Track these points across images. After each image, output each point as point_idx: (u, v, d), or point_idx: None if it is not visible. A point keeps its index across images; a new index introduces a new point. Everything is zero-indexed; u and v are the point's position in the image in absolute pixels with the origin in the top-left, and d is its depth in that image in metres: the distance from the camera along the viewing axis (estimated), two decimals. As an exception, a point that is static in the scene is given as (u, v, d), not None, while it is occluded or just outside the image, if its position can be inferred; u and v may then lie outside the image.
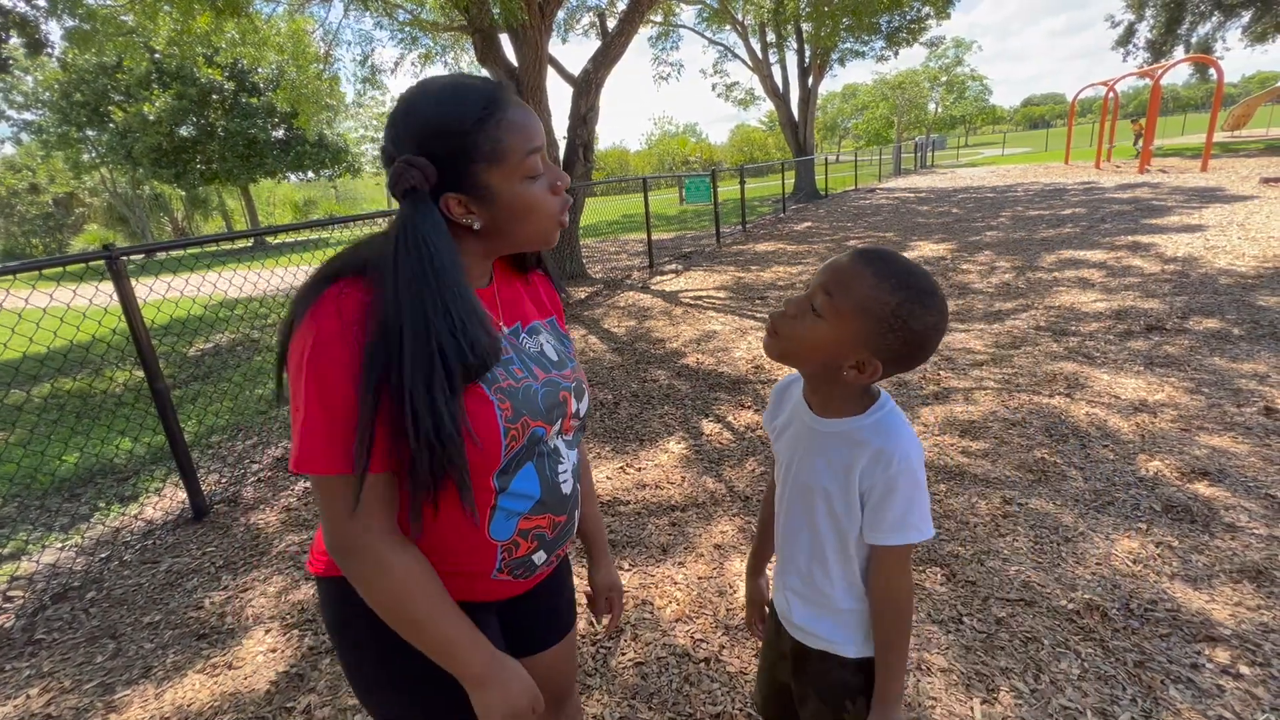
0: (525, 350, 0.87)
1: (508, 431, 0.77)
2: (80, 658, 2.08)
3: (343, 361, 0.68)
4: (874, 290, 0.79)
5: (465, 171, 0.73)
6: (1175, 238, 7.00)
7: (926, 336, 0.80)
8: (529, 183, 0.77)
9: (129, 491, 3.34)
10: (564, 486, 0.88)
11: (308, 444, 0.69)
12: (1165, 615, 1.79)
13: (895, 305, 0.78)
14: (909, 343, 0.80)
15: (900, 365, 0.83)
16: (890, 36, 16.43)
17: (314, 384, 0.68)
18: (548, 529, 0.87)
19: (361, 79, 10.72)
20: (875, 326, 0.79)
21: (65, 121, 22.95)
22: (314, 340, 0.68)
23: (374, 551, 0.72)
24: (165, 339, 6.64)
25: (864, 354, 0.82)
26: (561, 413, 0.87)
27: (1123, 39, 25.76)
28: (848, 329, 0.81)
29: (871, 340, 0.81)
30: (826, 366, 0.85)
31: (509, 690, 0.78)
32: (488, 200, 0.75)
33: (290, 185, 43.65)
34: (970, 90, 51.21)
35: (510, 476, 0.80)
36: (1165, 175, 13.97)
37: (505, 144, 0.74)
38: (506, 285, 0.92)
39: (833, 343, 0.83)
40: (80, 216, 39.98)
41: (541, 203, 0.79)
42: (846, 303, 0.81)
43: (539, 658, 1.04)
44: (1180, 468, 2.53)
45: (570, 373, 0.92)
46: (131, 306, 2.68)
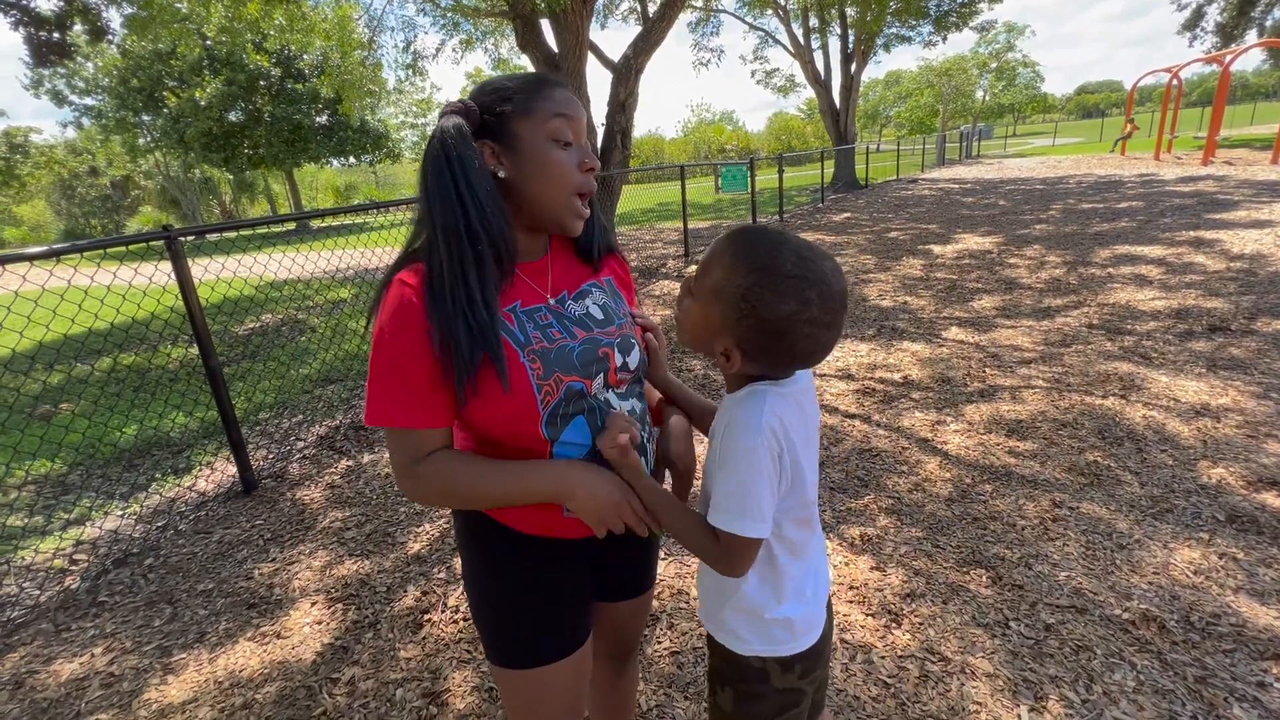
0: (569, 314, 0.93)
1: (540, 388, 0.84)
2: (140, 620, 2.18)
3: (410, 324, 0.79)
4: (727, 272, 0.75)
5: (500, 120, 0.84)
6: (1242, 234, 6.62)
7: (781, 327, 0.73)
8: (554, 145, 0.85)
9: (183, 464, 3.48)
10: None
11: (378, 403, 0.81)
12: (1229, 630, 1.71)
13: (745, 289, 0.73)
14: (764, 332, 0.74)
15: (768, 357, 0.76)
16: (939, 21, 15.87)
17: (384, 350, 0.80)
18: None
19: (404, 65, 10.84)
20: (729, 311, 0.75)
21: (123, 106, 23.85)
22: (384, 314, 0.81)
23: (430, 477, 0.83)
24: (216, 318, 6.89)
25: (727, 341, 0.77)
26: (603, 367, 0.90)
27: (1190, 22, 24.37)
28: (709, 313, 0.78)
29: (729, 326, 0.76)
30: (709, 353, 0.82)
31: (595, 490, 0.84)
32: (515, 150, 0.85)
33: (332, 170, 44.65)
34: (1021, 77, 49.13)
35: (560, 428, 0.86)
36: (1231, 168, 13.21)
37: (535, 101, 0.84)
38: (562, 259, 0.98)
39: (703, 326, 0.80)
40: (135, 199, 41.67)
41: (561, 167, 0.85)
42: (706, 284, 0.78)
43: (614, 607, 1.11)
44: (1246, 476, 2.41)
45: (615, 329, 0.95)
46: (188, 286, 2.77)
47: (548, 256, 0.96)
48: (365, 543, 2.55)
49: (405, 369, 0.80)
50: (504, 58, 12.11)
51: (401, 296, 0.81)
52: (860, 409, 3.38)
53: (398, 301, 0.81)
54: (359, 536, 2.60)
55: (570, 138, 0.86)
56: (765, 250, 0.74)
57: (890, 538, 2.26)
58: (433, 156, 0.82)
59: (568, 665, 0.96)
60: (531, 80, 0.86)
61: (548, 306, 0.91)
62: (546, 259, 0.95)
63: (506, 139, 0.85)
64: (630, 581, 1.13)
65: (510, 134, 0.84)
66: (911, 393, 3.50)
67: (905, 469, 2.72)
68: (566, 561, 0.97)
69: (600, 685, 1.25)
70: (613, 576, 1.09)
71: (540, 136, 0.84)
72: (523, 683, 0.95)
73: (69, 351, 5.85)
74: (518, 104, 0.84)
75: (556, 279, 0.95)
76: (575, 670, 0.97)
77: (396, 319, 0.80)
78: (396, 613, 2.10)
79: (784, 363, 0.78)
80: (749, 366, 0.79)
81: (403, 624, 2.04)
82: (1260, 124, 29.61)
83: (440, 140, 0.82)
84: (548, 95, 0.85)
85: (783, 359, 0.77)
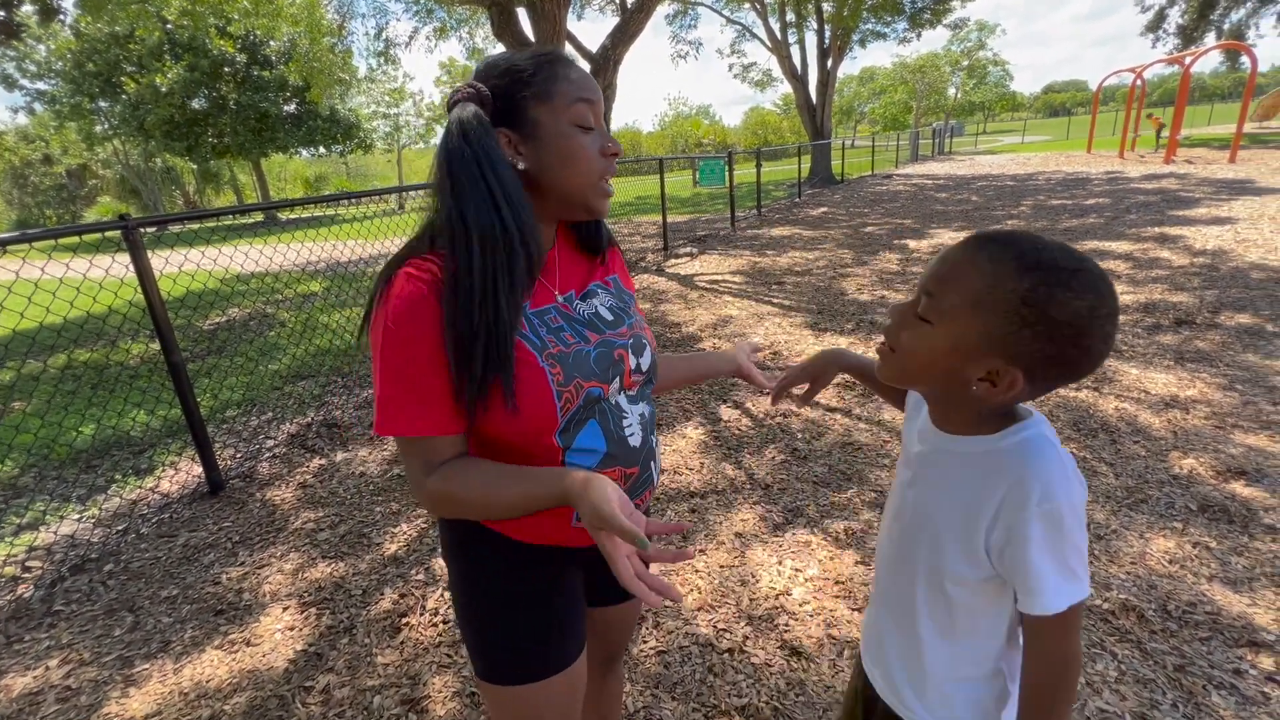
0: (578, 316, 0.87)
1: (560, 394, 0.79)
2: (99, 630, 2.08)
3: (423, 326, 0.73)
4: (990, 278, 0.62)
5: (516, 106, 0.77)
6: (1204, 230, 6.82)
7: (1080, 327, 0.60)
8: (576, 130, 0.79)
9: (145, 464, 3.34)
10: (631, 439, 0.87)
11: (388, 409, 0.75)
12: (1205, 618, 1.74)
13: (1024, 291, 0.60)
14: (1056, 338, 0.60)
15: (1057, 370, 0.63)
16: (914, 17, 16.04)
17: (393, 353, 0.74)
18: (620, 481, 0.87)
19: (375, 53, 10.58)
20: (1001, 323, 0.62)
21: (78, 92, 22.89)
22: (392, 311, 0.73)
23: (444, 489, 0.77)
24: (180, 312, 6.65)
25: (994, 361, 0.63)
26: (619, 370, 0.86)
27: (1153, 24, 25.04)
28: (963, 332, 0.64)
29: (1000, 342, 0.62)
30: (949, 384, 0.68)
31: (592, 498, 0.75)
32: (534, 138, 0.78)
33: (301, 160, 43.53)
34: (991, 75, 50.09)
35: (573, 434, 0.82)
36: (1192, 166, 13.64)
37: (555, 84, 0.77)
38: (567, 252, 0.92)
39: (947, 352, 0.65)
40: (93, 188, 40.06)
41: (585, 154, 0.79)
42: (956, 299, 0.64)
43: (605, 610, 1.09)
44: (1215, 466, 2.46)
45: (627, 330, 0.91)
46: (148, 278, 2.65)
47: (554, 250, 0.89)
48: (339, 544, 2.47)
49: (417, 372, 0.74)
50: (479, 47, 11.90)
51: (413, 291, 0.73)
52: (841, 402, 3.38)
53: (409, 296, 0.73)
54: (332, 538, 2.52)
55: (592, 122, 0.80)
56: (1030, 247, 0.62)
57: (874, 531, 2.26)
58: (456, 151, 0.75)
59: (563, 679, 0.91)
60: (546, 59, 0.79)
61: (556, 307, 0.86)
62: (553, 253, 0.89)
63: (525, 127, 0.78)
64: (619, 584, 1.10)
65: (529, 121, 0.77)
66: (891, 386, 3.52)
67: (887, 462, 2.73)
68: (563, 570, 0.93)
69: (586, 690, 1.21)
70: (604, 579, 1.04)
71: (562, 123, 0.78)
72: (516, 699, 0.90)
73: (19, 347, 5.58)
74: (536, 88, 0.77)
75: (563, 275, 0.89)
76: (570, 684, 0.93)
77: (407, 315, 0.73)
78: (373, 616, 2.03)
79: (1076, 373, 0.64)
80: (1027, 390, 0.64)
81: (379, 628, 1.97)
82: (1218, 124, 30.65)
83: (462, 132, 0.75)
84: (567, 76, 0.78)
85: (1077, 368, 0.63)
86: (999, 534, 0.67)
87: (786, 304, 5.52)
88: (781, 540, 2.26)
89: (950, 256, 0.67)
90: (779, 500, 2.51)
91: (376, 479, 2.98)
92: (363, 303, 6.59)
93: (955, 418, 0.72)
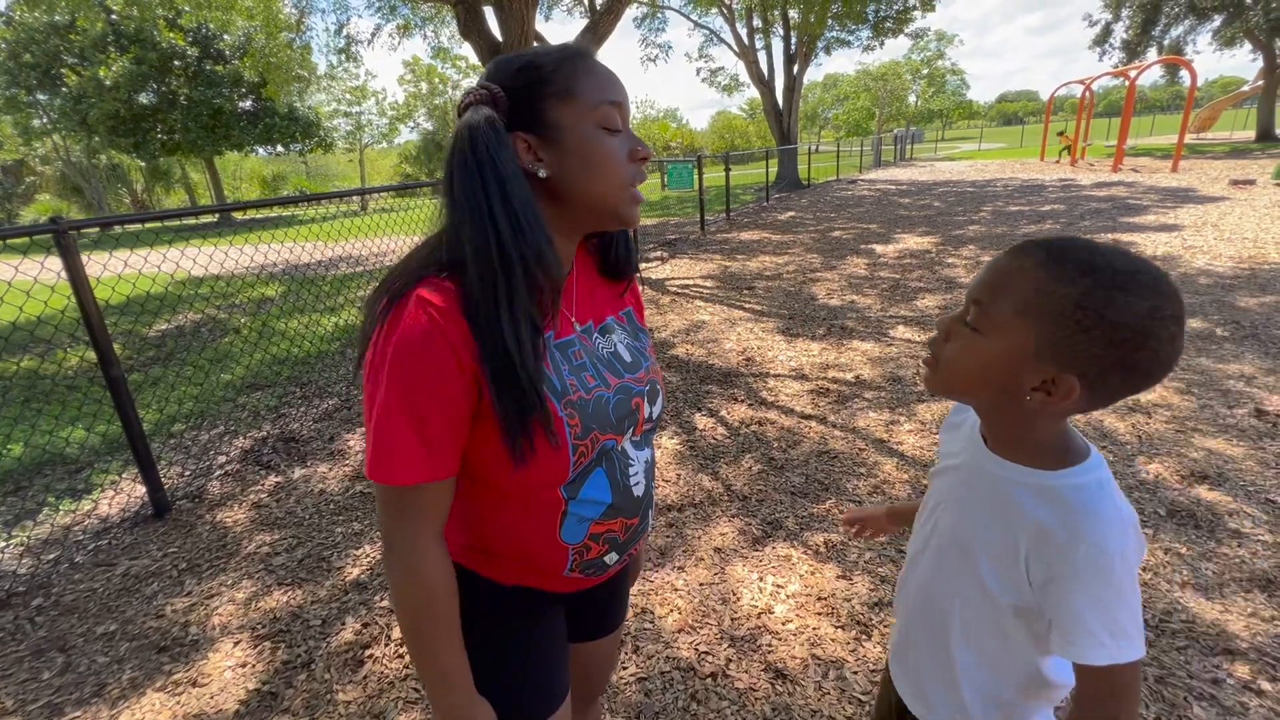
0: (598, 353, 0.81)
1: (576, 449, 0.74)
2: (24, 674, 1.89)
3: (435, 362, 0.65)
4: (1044, 282, 0.60)
5: (536, 107, 0.69)
6: (1154, 236, 7.10)
7: (1144, 330, 0.57)
8: (603, 133, 0.71)
9: (81, 485, 3.11)
10: (636, 489, 0.83)
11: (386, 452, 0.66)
12: (1181, 627, 1.75)
13: (1078, 296, 0.58)
14: (1117, 342, 0.58)
15: (1120, 378, 0.60)
16: (877, 26, 16.37)
17: (399, 383, 0.65)
18: (620, 532, 0.83)
19: (335, 50, 10.26)
20: (1055, 329, 0.59)
21: (13, 84, 21.64)
22: (401, 341, 0.65)
23: (410, 558, 0.70)
24: (124, 315, 6.29)
25: (1048, 369, 0.61)
26: (634, 420, 0.82)
27: (1100, 38, 26.20)
28: (1015, 339, 0.62)
29: (1054, 349, 0.60)
30: (1002, 395, 0.65)
31: None
32: (556, 143, 0.70)
33: (258, 159, 42.07)
34: (949, 84, 51.65)
35: (579, 485, 0.76)
36: (1138, 174, 14.25)
37: (579, 84, 0.70)
38: (586, 278, 0.84)
39: (999, 361, 0.63)
40: (31, 186, 37.91)
41: (613, 159, 0.71)
42: (1007, 306, 0.62)
43: (584, 647, 1.04)
44: (1180, 471, 2.52)
45: (644, 374, 0.85)
46: (82, 285, 2.45)
47: (574, 273, 0.82)
48: (297, 569, 2.32)
49: (426, 410, 0.66)
50: (444, 46, 11.67)
51: (429, 320, 0.65)
52: (816, 409, 3.37)
53: (423, 324, 0.65)
54: (289, 562, 2.37)
55: (620, 124, 0.72)
56: (1083, 250, 0.60)
57: (854, 544, 2.23)
58: (460, 160, 0.67)
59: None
60: (568, 55, 0.71)
61: (578, 339, 0.79)
62: (572, 276, 0.81)
63: (545, 130, 0.69)
64: (603, 618, 1.04)
65: (549, 124, 0.69)
66: (864, 392, 3.52)
67: (864, 471, 2.71)
68: (547, 612, 0.87)
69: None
70: (587, 614, 1.00)
71: (587, 125, 0.70)
72: None
73: (-55, 357, 5.18)
74: (557, 86, 0.69)
75: (581, 302, 0.82)
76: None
77: (421, 345, 0.65)
78: (333, 649, 1.90)
79: (1143, 379, 0.60)
80: (1086, 398, 0.62)
81: (340, 662, 1.85)
82: (1159, 134, 32.17)
83: (470, 139, 0.66)
84: (592, 73, 0.70)
85: (1143, 374, 0.60)
86: (1039, 570, 0.64)
87: (758, 309, 5.52)
88: (761, 555, 2.21)
89: (1000, 264, 0.65)
90: (757, 512, 2.47)
91: (338, 497, 2.83)
92: (323, 306, 6.30)
93: (1009, 437, 0.69)
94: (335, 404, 3.96)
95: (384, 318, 0.67)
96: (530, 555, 0.80)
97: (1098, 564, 0.60)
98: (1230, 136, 27.38)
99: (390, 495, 0.69)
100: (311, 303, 6.69)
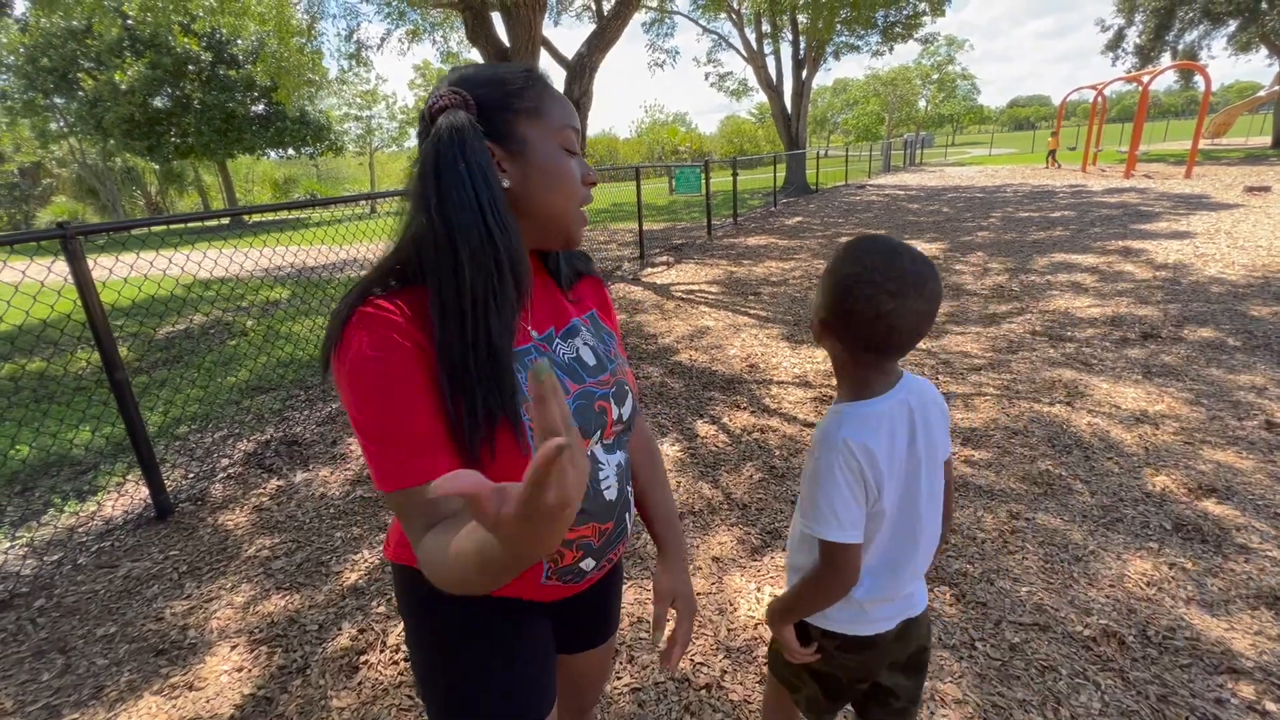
0: (558, 360, 0.81)
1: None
2: (24, 674, 1.91)
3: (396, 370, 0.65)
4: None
5: (504, 120, 0.71)
6: (1165, 244, 7.02)
7: (847, 288, 0.85)
8: (564, 154, 0.75)
9: (86, 487, 3.13)
10: (607, 494, 0.83)
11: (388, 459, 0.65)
12: (1185, 644, 1.72)
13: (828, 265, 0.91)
14: (833, 295, 0.88)
15: (842, 324, 0.88)
16: (886, 31, 16.34)
17: (375, 390, 0.65)
18: (593, 537, 0.83)
19: (346, 55, 10.35)
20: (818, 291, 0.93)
21: (31, 87, 22.00)
22: (355, 359, 0.65)
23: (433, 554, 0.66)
24: (132, 318, 6.36)
25: (817, 319, 0.93)
26: (600, 423, 0.81)
27: (1112, 43, 25.99)
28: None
29: (818, 305, 0.93)
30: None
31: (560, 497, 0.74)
32: (522, 156, 0.72)
33: (270, 162, 42.50)
34: (960, 89, 51.43)
35: None
36: (1150, 181, 14.11)
37: (547, 104, 0.73)
38: (541, 287, 0.85)
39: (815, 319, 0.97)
40: (48, 188, 38.47)
41: (572, 178, 0.75)
42: None
43: (575, 659, 1.03)
44: (1187, 484, 2.48)
45: (609, 376, 0.85)
46: (88, 290, 2.48)
47: None
48: (295, 573, 2.33)
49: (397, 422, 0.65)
50: (453, 51, 11.75)
51: (377, 335, 0.65)
52: (819, 417, 3.35)
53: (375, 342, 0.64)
54: (288, 566, 2.38)
55: (576, 148, 0.76)
56: (864, 238, 0.89)
57: (853, 554, 2.21)
58: (448, 161, 0.66)
59: None
60: (535, 77, 0.74)
61: (535, 346, 0.79)
62: None
63: (513, 143, 0.71)
64: (593, 628, 1.03)
65: (517, 138, 0.71)
66: (868, 400, 3.50)
67: (865, 480, 2.69)
68: (532, 622, 0.86)
69: None
70: (575, 624, 0.99)
71: (552, 144, 0.73)
72: None
73: (-41, 357, 5.25)
74: (528, 104, 0.72)
75: (538, 310, 0.83)
76: None
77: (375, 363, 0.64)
78: (329, 654, 1.90)
79: (865, 332, 0.86)
80: (837, 342, 0.90)
81: (335, 667, 1.85)
82: (1173, 140, 31.88)
83: (459, 140, 0.67)
84: (557, 98, 0.75)
85: (863, 325, 0.85)
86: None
87: (763, 315, 5.50)
88: (760, 564, 2.19)
89: None
90: (757, 521, 2.45)
91: (338, 501, 2.84)
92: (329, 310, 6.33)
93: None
94: (338, 407, 3.98)
95: (337, 343, 0.67)
96: None
97: (813, 465, 0.90)
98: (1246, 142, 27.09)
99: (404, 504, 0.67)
100: (318, 306, 6.74)
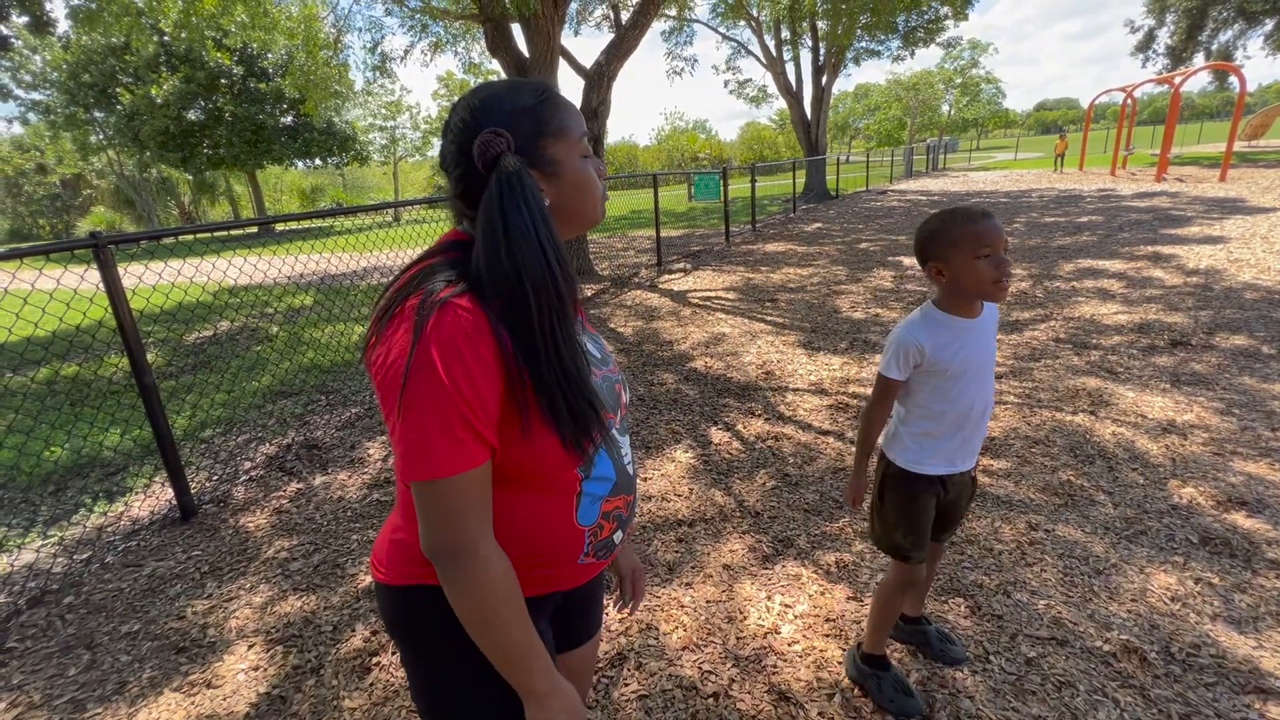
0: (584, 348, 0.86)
1: None
2: (52, 669, 1.97)
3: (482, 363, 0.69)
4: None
5: (536, 146, 0.77)
6: (1197, 249, 6.83)
7: (930, 233, 1.33)
8: (585, 161, 0.82)
9: (115, 488, 3.23)
10: (629, 468, 0.92)
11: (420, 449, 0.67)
12: (1210, 662, 1.66)
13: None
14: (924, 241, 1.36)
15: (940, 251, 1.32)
16: (907, 36, 16.20)
17: (461, 379, 0.67)
18: (624, 508, 0.90)
19: (371, 67, 10.56)
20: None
21: (73, 102, 22.86)
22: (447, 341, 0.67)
23: (481, 553, 0.71)
24: (161, 324, 6.55)
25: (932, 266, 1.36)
26: (616, 405, 0.90)
27: (1142, 44, 25.43)
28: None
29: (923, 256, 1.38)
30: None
31: (568, 703, 0.78)
32: (555, 175, 0.79)
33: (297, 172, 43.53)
34: (984, 93, 50.67)
35: (591, 465, 0.83)
36: (1183, 184, 13.75)
37: (566, 121, 0.79)
38: None
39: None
40: (87, 198, 39.89)
41: (595, 184, 0.84)
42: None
43: (568, 657, 1.05)
44: (1215, 496, 2.40)
45: (614, 367, 0.95)
46: (118, 297, 2.56)
47: None
48: (312, 575, 2.37)
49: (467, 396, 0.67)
50: (475, 62, 11.93)
51: (470, 324, 0.68)
52: (834, 425, 3.32)
53: (467, 328, 0.68)
54: (305, 568, 2.42)
55: (590, 150, 0.84)
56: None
57: (866, 564, 2.18)
58: (515, 205, 0.72)
59: None
60: (545, 93, 0.80)
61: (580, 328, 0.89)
62: None
63: (547, 166, 0.79)
64: (583, 623, 1.06)
65: (550, 160, 0.79)
66: (885, 408, 3.45)
67: (880, 489, 2.65)
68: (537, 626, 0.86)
69: None
70: (567, 622, 1.01)
71: (576, 158, 0.81)
72: None
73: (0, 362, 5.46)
74: (553, 127, 0.78)
75: None
76: None
77: (468, 349, 0.67)
78: (342, 655, 1.93)
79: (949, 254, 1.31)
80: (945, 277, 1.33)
81: (348, 668, 1.88)
82: (1207, 142, 31.01)
83: (523, 187, 0.73)
84: (568, 108, 0.81)
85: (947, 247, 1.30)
86: None
87: (780, 322, 5.47)
88: (771, 573, 2.18)
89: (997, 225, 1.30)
90: (769, 529, 2.43)
91: (355, 504, 2.89)
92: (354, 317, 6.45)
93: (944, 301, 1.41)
94: (358, 412, 4.05)
95: (425, 325, 0.67)
96: (551, 543, 0.82)
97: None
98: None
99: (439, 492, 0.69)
100: (341, 313, 6.88)
